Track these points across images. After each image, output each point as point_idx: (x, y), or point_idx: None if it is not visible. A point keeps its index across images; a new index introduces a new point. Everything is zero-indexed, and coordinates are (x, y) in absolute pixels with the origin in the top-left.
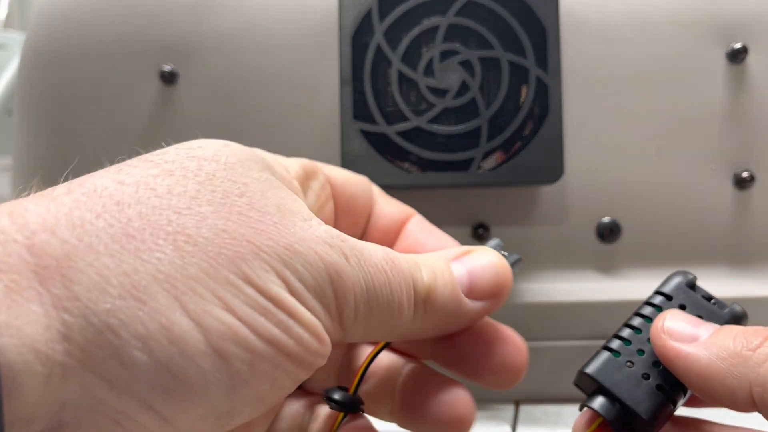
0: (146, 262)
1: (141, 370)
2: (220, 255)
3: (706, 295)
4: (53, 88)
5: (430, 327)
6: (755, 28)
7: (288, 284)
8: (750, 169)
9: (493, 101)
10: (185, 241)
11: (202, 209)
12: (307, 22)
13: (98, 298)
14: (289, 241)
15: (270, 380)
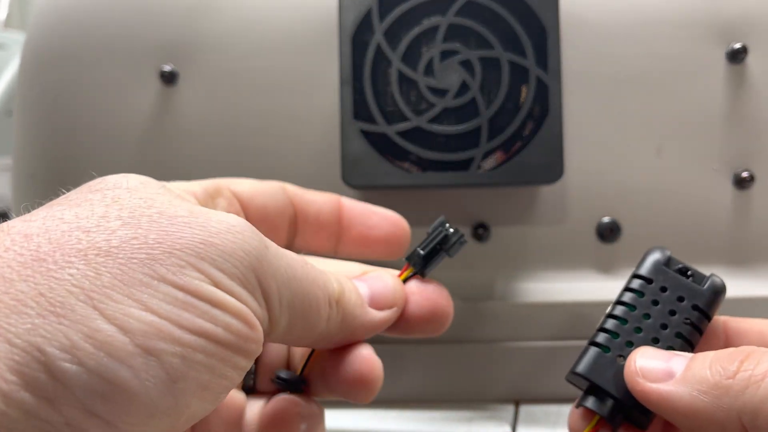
0: (60, 279)
1: (75, 381)
2: (132, 260)
3: (682, 269)
4: (53, 89)
5: (341, 329)
6: (755, 29)
7: (208, 276)
8: (750, 169)
9: (493, 101)
10: (96, 254)
11: (111, 224)
12: (307, 21)
13: (17, 321)
14: (203, 236)
15: (208, 370)
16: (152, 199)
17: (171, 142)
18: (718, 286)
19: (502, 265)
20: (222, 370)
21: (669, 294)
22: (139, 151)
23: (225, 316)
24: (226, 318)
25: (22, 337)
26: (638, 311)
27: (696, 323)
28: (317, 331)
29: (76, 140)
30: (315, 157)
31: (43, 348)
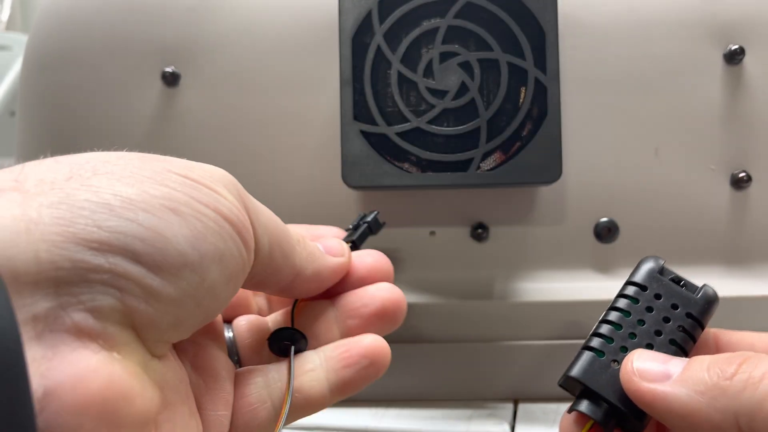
0: (83, 166)
1: (115, 229)
2: (146, 160)
3: (675, 279)
4: (55, 89)
5: (311, 263)
6: (752, 30)
7: (208, 181)
8: (747, 169)
9: (492, 102)
10: (117, 156)
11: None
12: (307, 23)
13: (47, 190)
14: (203, 166)
15: (221, 239)
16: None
17: (173, 143)
18: (711, 296)
19: (501, 265)
20: (230, 245)
21: (663, 301)
22: (141, 151)
23: (226, 202)
24: (227, 204)
25: (61, 201)
26: (633, 317)
27: (690, 331)
28: (294, 260)
29: (78, 141)
30: (315, 158)
31: (84, 206)
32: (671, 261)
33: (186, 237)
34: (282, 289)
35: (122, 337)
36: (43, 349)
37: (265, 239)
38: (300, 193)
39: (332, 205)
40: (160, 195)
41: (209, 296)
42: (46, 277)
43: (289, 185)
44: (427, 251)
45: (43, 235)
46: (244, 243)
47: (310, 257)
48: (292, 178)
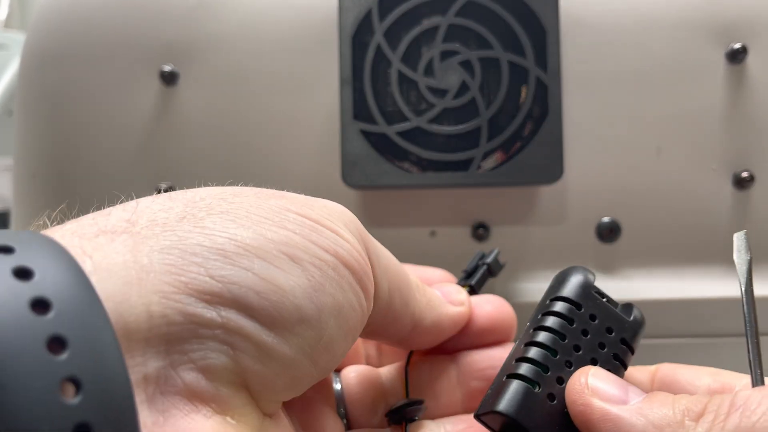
0: (196, 205)
1: (231, 277)
2: (263, 197)
3: (603, 296)
4: (53, 89)
5: (430, 311)
6: (755, 29)
7: (329, 220)
8: (750, 169)
9: (493, 101)
10: (233, 194)
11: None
12: (307, 22)
13: (159, 232)
14: (318, 202)
15: (340, 288)
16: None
17: (171, 142)
18: (641, 321)
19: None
20: (350, 295)
21: (598, 324)
22: (139, 151)
23: (347, 245)
24: (348, 247)
25: (173, 246)
26: (568, 341)
27: (623, 359)
28: (413, 308)
29: (76, 140)
30: (315, 157)
31: (197, 251)
32: (673, 261)
33: (304, 288)
34: (398, 339)
35: (236, 399)
36: (154, 414)
37: (384, 284)
38: (300, 193)
39: None
40: (277, 239)
41: (326, 352)
42: (158, 333)
43: (289, 185)
44: (427, 251)
45: (154, 285)
46: (364, 291)
47: (430, 305)
48: (292, 177)
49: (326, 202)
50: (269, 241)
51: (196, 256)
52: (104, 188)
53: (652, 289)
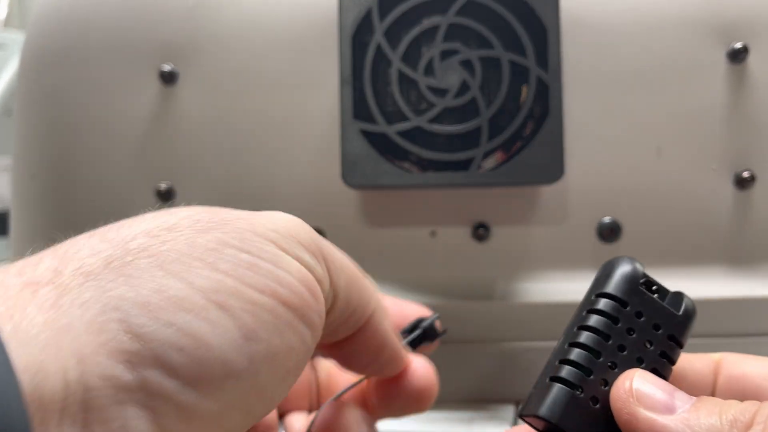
0: (126, 248)
1: (152, 334)
2: (195, 232)
3: (650, 284)
4: (53, 88)
5: (384, 319)
6: (756, 28)
7: (272, 241)
8: (751, 169)
9: (494, 101)
10: (160, 229)
11: (178, 212)
12: (307, 21)
13: (91, 286)
14: (265, 217)
15: (277, 332)
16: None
17: (171, 142)
18: (692, 311)
19: (503, 265)
20: (288, 337)
21: (645, 321)
22: (138, 150)
23: (289, 277)
24: (290, 279)
25: (95, 300)
26: (613, 341)
27: (671, 356)
28: (369, 309)
29: (75, 140)
30: (315, 157)
31: (119, 305)
32: (674, 261)
33: (233, 340)
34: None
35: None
36: None
37: (342, 283)
38: (300, 193)
39: (332, 205)
40: (207, 286)
41: (259, 401)
42: (74, 402)
43: (289, 185)
44: (427, 251)
45: (72, 347)
46: (310, 326)
47: (385, 315)
48: (292, 177)
49: (273, 218)
50: (197, 291)
51: (117, 310)
52: (103, 188)
53: None
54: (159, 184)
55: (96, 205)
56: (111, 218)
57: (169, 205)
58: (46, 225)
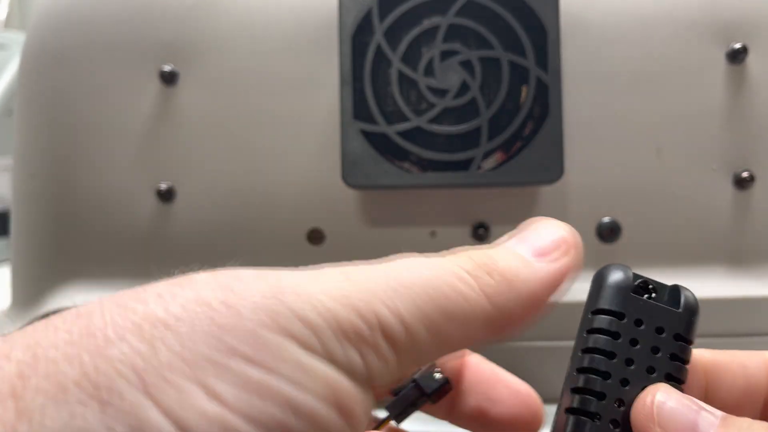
0: (108, 358)
1: None
2: (195, 331)
3: (644, 285)
4: (53, 89)
5: (502, 296)
6: (755, 29)
7: (291, 335)
8: (750, 169)
9: (494, 101)
10: (152, 325)
11: (173, 289)
12: (307, 22)
13: (53, 411)
14: (280, 286)
15: None
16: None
17: (171, 142)
18: (693, 305)
19: None
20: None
21: (646, 327)
22: (139, 150)
23: (310, 399)
24: (311, 403)
25: (59, 430)
26: (619, 358)
27: (682, 356)
28: (468, 325)
29: (76, 140)
30: (315, 157)
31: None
32: (673, 261)
33: None
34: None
35: None
36: None
37: (421, 332)
38: (300, 193)
39: (332, 205)
40: (194, 427)
41: None
42: None
43: (289, 185)
44: (427, 251)
45: None
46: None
47: (508, 284)
48: (292, 177)
49: (312, 290)
50: (183, 430)
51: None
52: (104, 187)
53: None
54: (159, 183)
55: (96, 204)
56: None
57: (169, 205)
58: (47, 225)
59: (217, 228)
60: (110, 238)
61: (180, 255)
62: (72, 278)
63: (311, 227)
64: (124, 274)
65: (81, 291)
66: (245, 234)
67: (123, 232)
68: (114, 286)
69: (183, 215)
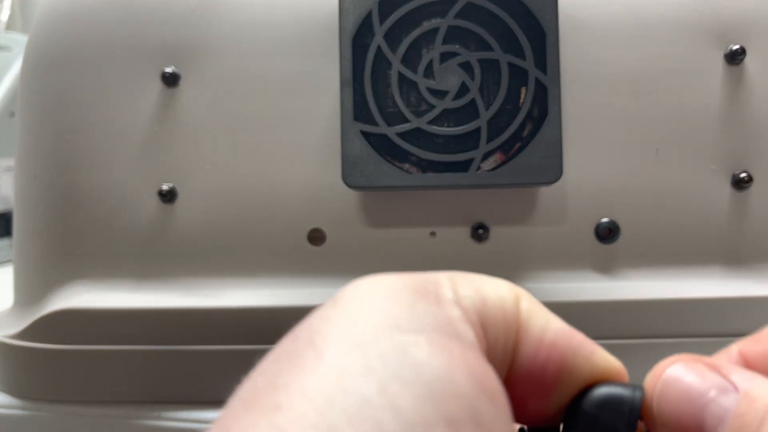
0: None
1: None
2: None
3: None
4: (55, 90)
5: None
6: (753, 30)
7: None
8: (748, 169)
9: (493, 103)
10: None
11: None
12: (307, 23)
13: None
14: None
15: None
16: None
17: (173, 143)
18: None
19: (502, 265)
20: None
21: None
22: (140, 152)
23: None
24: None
25: None
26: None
27: None
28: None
29: (78, 141)
30: (316, 158)
31: None
32: (672, 262)
33: None
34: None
35: None
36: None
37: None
38: (300, 193)
39: (332, 205)
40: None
41: None
42: None
43: (290, 186)
44: (427, 252)
45: None
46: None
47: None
48: (293, 178)
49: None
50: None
51: None
52: (106, 189)
53: (651, 289)
54: (161, 184)
55: (98, 205)
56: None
57: (171, 206)
58: (49, 225)
59: (219, 229)
60: (112, 239)
61: (182, 255)
62: (74, 279)
63: (312, 228)
64: (126, 275)
65: (83, 291)
66: (246, 234)
67: (125, 233)
68: (116, 286)
69: (185, 216)
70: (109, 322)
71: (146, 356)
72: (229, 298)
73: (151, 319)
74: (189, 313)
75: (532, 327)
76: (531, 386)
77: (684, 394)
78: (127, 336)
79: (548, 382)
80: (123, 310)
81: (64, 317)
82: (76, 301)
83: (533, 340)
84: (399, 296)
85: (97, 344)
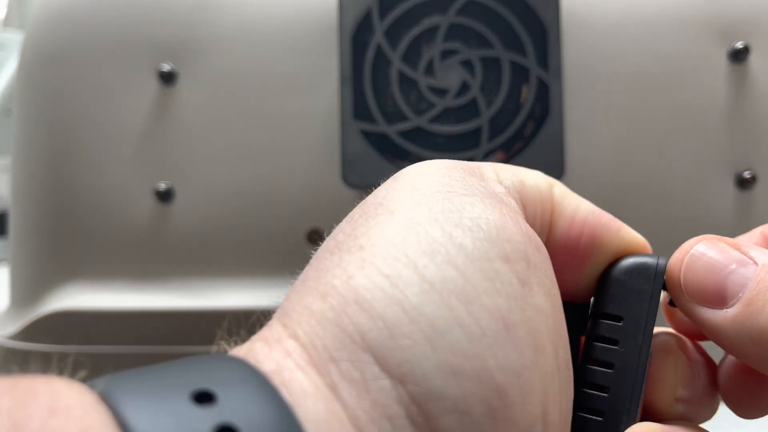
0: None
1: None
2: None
3: (650, 277)
4: (52, 88)
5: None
6: (757, 28)
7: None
8: (752, 169)
9: (494, 101)
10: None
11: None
12: (307, 21)
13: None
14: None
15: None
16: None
17: (170, 142)
18: (662, 270)
19: None
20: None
21: (646, 322)
22: (137, 150)
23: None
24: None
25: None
26: (617, 366)
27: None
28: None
29: (74, 140)
30: (315, 157)
31: (375, 373)
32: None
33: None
34: None
35: None
36: None
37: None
38: (300, 193)
39: (332, 205)
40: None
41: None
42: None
43: (289, 185)
44: None
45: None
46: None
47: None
48: (292, 177)
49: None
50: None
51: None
52: (102, 188)
53: None
54: (158, 184)
55: (95, 205)
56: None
57: (168, 206)
58: (45, 225)
59: (216, 228)
60: (109, 239)
61: (179, 255)
62: (70, 278)
63: (311, 227)
64: (123, 275)
65: (79, 291)
66: (244, 234)
67: (122, 233)
68: (113, 286)
69: (182, 215)
70: (106, 323)
71: (145, 358)
72: (227, 298)
73: (149, 319)
74: (186, 314)
75: (566, 207)
76: (566, 257)
77: (709, 266)
78: (124, 337)
79: (581, 254)
80: (120, 310)
81: (61, 318)
82: (73, 301)
83: (567, 217)
84: (451, 171)
85: (94, 345)
